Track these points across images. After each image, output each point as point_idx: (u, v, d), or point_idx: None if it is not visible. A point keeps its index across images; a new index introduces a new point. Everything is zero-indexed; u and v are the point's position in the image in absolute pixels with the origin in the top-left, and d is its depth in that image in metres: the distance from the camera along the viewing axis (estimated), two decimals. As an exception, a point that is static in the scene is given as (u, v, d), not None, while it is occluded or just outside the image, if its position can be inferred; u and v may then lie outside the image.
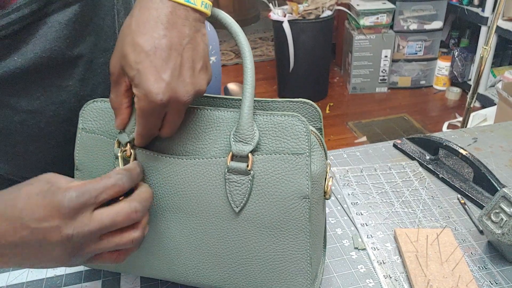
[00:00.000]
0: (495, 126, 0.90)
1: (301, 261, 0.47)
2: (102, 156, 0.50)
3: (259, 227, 0.47)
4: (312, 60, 2.76)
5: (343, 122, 2.64)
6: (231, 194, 0.46)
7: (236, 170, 0.45)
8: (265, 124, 0.45)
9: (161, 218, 0.49)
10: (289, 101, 0.49)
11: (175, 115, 0.44)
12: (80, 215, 0.39)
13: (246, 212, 0.47)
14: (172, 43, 0.41)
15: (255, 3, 4.14)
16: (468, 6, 2.65)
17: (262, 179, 0.45)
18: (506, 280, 0.56)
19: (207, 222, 0.48)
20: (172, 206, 0.49)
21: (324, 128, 2.45)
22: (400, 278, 0.57)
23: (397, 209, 0.69)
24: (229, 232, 0.48)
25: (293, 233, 0.46)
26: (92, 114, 0.50)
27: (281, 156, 0.45)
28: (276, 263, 0.48)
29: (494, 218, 0.57)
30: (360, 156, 0.82)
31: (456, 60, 2.81)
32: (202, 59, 0.44)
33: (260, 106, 0.50)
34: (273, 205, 0.46)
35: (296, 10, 2.60)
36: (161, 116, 0.44)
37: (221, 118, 0.47)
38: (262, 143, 0.45)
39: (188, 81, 0.42)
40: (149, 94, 0.41)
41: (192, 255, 0.50)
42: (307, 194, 0.45)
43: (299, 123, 0.44)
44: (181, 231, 0.49)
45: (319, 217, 0.49)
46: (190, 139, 0.47)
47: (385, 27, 2.77)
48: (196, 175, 0.47)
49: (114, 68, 0.44)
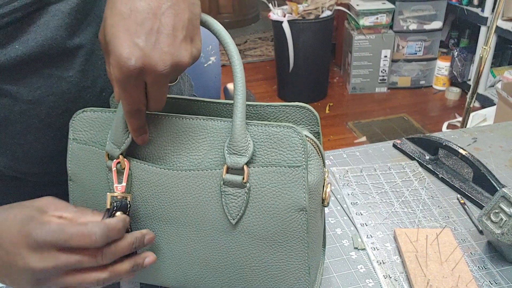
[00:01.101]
0: (495, 126, 0.91)
1: (299, 270, 0.47)
2: (94, 166, 0.49)
3: (257, 238, 0.46)
4: (312, 60, 2.76)
5: (343, 122, 2.64)
6: (227, 206, 0.46)
7: (231, 183, 0.45)
8: (260, 135, 0.44)
9: (159, 229, 0.49)
10: (285, 106, 0.47)
11: (154, 87, 0.41)
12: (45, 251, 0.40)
13: (243, 224, 0.46)
14: (150, 6, 0.39)
15: (255, 3, 4.14)
16: (467, 6, 2.65)
17: (258, 192, 0.45)
18: (505, 280, 0.56)
19: (204, 233, 0.48)
20: (169, 218, 0.48)
21: (323, 128, 2.44)
22: (399, 278, 0.57)
23: (396, 209, 0.69)
24: (226, 243, 0.47)
25: (291, 245, 0.46)
26: (82, 124, 0.49)
27: (277, 169, 0.44)
28: (274, 273, 0.48)
29: (494, 218, 0.58)
30: (360, 156, 0.82)
31: (456, 60, 2.81)
32: (186, 29, 0.40)
33: (255, 111, 0.48)
34: (270, 217, 0.45)
35: (296, 10, 2.60)
36: (140, 87, 0.41)
37: (214, 128, 0.46)
38: (258, 154, 0.44)
39: (166, 49, 0.39)
40: (120, 59, 0.38)
41: (191, 265, 0.50)
42: (304, 207, 0.44)
43: (294, 135, 0.43)
44: (179, 241, 0.49)
45: (317, 225, 0.49)
46: (184, 150, 0.47)
47: (385, 27, 2.77)
48: (191, 187, 0.46)
49: (101, 35, 0.42)
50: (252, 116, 0.49)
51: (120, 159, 0.47)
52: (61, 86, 0.56)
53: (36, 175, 0.62)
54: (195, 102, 0.49)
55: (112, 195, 0.46)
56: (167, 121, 0.47)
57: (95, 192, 0.50)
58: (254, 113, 0.48)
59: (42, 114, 0.56)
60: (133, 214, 0.49)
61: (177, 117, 0.47)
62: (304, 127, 0.48)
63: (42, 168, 0.61)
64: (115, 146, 0.46)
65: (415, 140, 0.83)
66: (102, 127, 0.49)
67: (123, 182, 0.47)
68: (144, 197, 0.48)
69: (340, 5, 2.76)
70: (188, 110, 0.50)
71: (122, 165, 0.47)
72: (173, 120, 0.47)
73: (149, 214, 0.49)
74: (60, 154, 0.58)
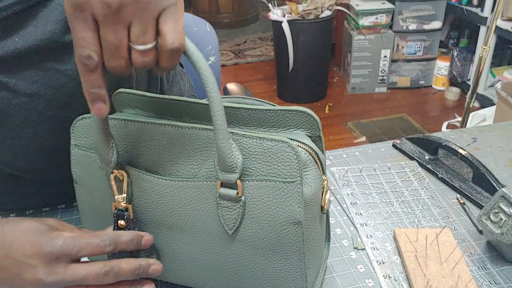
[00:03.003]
0: (494, 126, 0.91)
1: (296, 278, 0.48)
2: (97, 172, 0.50)
3: (253, 247, 0.47)
4: (312, 60, 2.76)
5: (342, 122, 2.64)
6: (223, 217, 0.46)
7: (226, 197, 0.45)
8: (254, 148, 0.44)
9: (159, 233, 0.50)
10: (285, 110, 0.46)
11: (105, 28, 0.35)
12: (57, 264, 0.43)
13: (239, 234, 0.47)
14: None
15: (255, 3, 4.14)
16: (467, 6, 2.65)
17: (254, 205, 0.45)
18: (505, 280, 0.56)
19: (203, 240, 0.48)
20: (169, 224, 0.49)
21: (323, 128, 2.45)
22: (399, 278, 0.57)
23: (396, 209, 0.69)
24: (224, 250, 0.48)
25: (287, 255, 0.47)
26: (82, 131, 0.50)
27: (272, 184, 0.44)
28: (272, 279, 0.48)
29: (493, 218, 0.58)
30: (360, 156, 0.82)
31: (455, 60, 2.81)
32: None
33: (254, 115, 0.47)
34: (265, 229, 0.46)
35: (296, 10, 2.60)
36: (88, 22, 0.35)
37: (209, 138, 0.46)
38: (252, 167, 0.44)
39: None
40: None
41: (191, 267, 0.51)
42: (300, 220, 0.44)
43: (289, 150, 0.43)
44: (180, 245, 0.50)
45: (315, 231, 0.49)
46: (180, 159, 0.47)
47: (384, 27, 2.77)
48: (189, 197, 0.47)
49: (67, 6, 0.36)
50: (252, 121, 0.48)
51: (116, 172, 0.47)
52: (59, 79, 0.56)
53: (34, 172, 0.63)
54: (194, 105, 0.49)
55: (115, 205, 0.48)
56: (163, 130, 0.47)
57: (100, 194, 0.51)
58: (254, 117, 0.48)
59: (40, 107, 0.57)
60: (135, 219, 0.50)
61: (173, 126, 0.46)
62: (305, 131, 0.48)
63: (40, 165, 0.61)
64: (105, 165, 0.47)
65: (414, 140, 0.83)
66: None
67: (123, 193, 0.48)
68: (143, 204, 0.49)
69: (340, 5, 2.76)
70: (188, 112, 0.49)
71: (120, 177, 0.48)
72: (168, 129, 0.47)
73: (149, 220, 0.50)
74: (58, 150, 0.58)
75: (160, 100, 0.49)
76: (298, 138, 0.46)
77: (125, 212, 0.48)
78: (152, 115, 0.51)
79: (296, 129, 0.47)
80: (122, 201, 0.48)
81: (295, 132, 0.48)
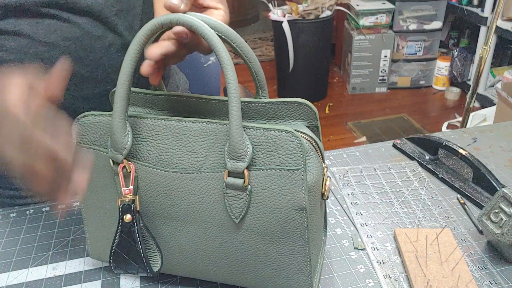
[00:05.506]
0: (495, 126, 0.91)
1: (301, 262, 0.49)
2: (101, 167, 0.51)
3: (259, 235, 0.48)
4: (312, 60, 2.76)
5: (343, 122, 2.64)
6: (230, 207, 0.47)
7: (233, 186, 0.46)
8: (259, 139, 0.45)
9: (165, 225, 0.51)
10: (284, 102, 0.48)
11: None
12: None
13: (245, 223, 0.48)
14: None
15: (255, 3, 4.14)
16: (467, 6, 2.65)
17: (260, 193, 0.46)
18: (505, 280, 0.56)
19: (209, 230, 0.49)
20: (175, 216, 0.50)
21: (323, 128, 2.45)
22: (399, 278, 0.57)
23: (396, 209, 0.69)
24: (230, 239, 0.49)
25: (293, 240, 0.48)
26: (84, 128, 0.50)
27: (277, 172, 0.45)
28: (277, 264, 0.50)
29: (494, 218, 0.58)
30: (360, 156, 0.82)
31: (456, 60, 2.81)
32: None
33: (254, 107, 0.49)
34: (271, 216, 0.47)
35: (296, 10, 2.60)
36: None
37: (213, 131, 0.47)
38: (257, 157, 0.46)
39: None
40: None
41: (197, 258, 0.52)
42: (304, 206, 0.46)
43: (293, 139, 0.44)
44: (186, 237, 0.51)
45: (317, 217, 0.50)
46: (185, 152, 0.48)
47: (385, 27, 2.77)
48: (195, 189, 0.48)
49: None
50: (251, 113, 0.49)
51: (125, 163, 0.48)
52: (75, 32, 0.59)
53: None
54: (194, 100, 0.50)
55: (121, 199, 0.48)
56: (167, 124, 0.48)
57: (104, 190, 0.52)
58: (253, 110, 0.49)
59: (55, 58, 0.59)
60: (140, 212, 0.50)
61: (177, 120, 0.48)
62: (303, 122, 0.49)
63: None
64: (117, 152, 0.47)
65: (415, 140, 0.83)
66: (103, 131, 0.50)
67: (130, 185, 0.48)
68: (149, 197, 0.50)
69: (340, 5, 2.77)
70: (188, 107, 0.51)
71: (128, 169, 0.48)
72: (173, 123, 0.48)
73: (155, 212, 0.50)
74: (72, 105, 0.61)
75: (160, 97, 0.51)
76: (298, 128, 0.48)
77: (131, 204, 0.48)
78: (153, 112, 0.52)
79: (294, 120, 0.49)
80: (129, 193, 0.48)
81: (294, 123, 0.49)
